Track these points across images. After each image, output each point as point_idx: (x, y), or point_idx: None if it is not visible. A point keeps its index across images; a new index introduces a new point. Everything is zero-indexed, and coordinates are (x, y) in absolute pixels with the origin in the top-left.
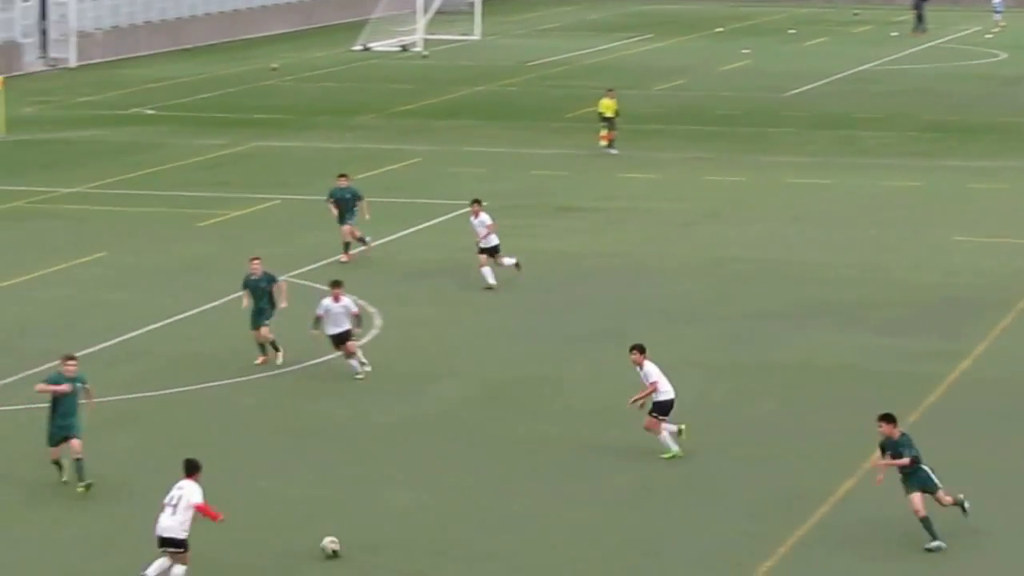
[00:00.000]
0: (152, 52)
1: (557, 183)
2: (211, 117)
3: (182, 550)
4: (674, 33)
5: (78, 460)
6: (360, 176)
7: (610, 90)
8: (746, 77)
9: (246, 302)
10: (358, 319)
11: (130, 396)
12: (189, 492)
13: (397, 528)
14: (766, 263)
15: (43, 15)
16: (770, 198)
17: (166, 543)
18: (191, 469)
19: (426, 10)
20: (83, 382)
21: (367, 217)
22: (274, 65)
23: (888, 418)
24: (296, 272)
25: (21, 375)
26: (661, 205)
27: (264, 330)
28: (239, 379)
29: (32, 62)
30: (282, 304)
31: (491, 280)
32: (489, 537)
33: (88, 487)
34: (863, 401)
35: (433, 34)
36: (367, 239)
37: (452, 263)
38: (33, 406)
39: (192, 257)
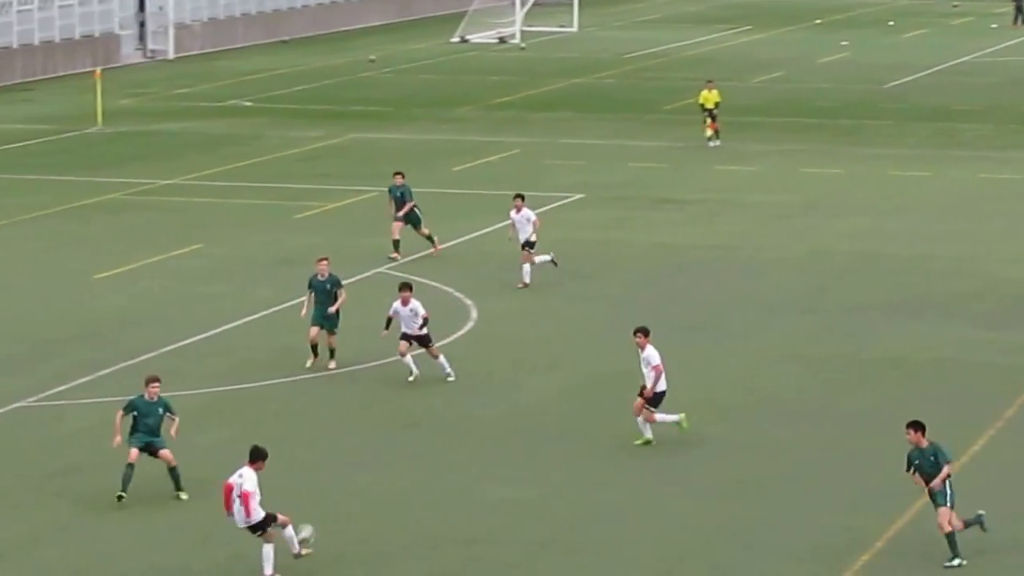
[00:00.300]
0: (249, 44)
1: (654, 175)
2: (309, 109)
3: (263, 531)
4: (773, 25)
5: (173, 469)
6: (458, 168)
7: (709, 81)
8: (845, 69)
9: (307, 307)
10: (426, 322)
11: (226, 388)
12: (244, 480)
13: (494, 521)
14: (864, 255)
15: (141, 7)
16: (868, 190)
17: (253, 530)
18: (255, 456)
19: (524, 2)
20: (168, 408)
21: (399, 214)
22: (372, 57)
23: (916, 425)
24: (392, 264)
25: (118, 366)
26: (759, 197)
27: (331, 338)
28: (336, 371)
29: (130, 54)
30: (331, 309)
31: (527, 279)
32: (585, 530)
33: (179, 495)
34: (960, 395)
35: (531, 26)
36: (435, 238)
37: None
38: (130, 398)
39: (289, 249)
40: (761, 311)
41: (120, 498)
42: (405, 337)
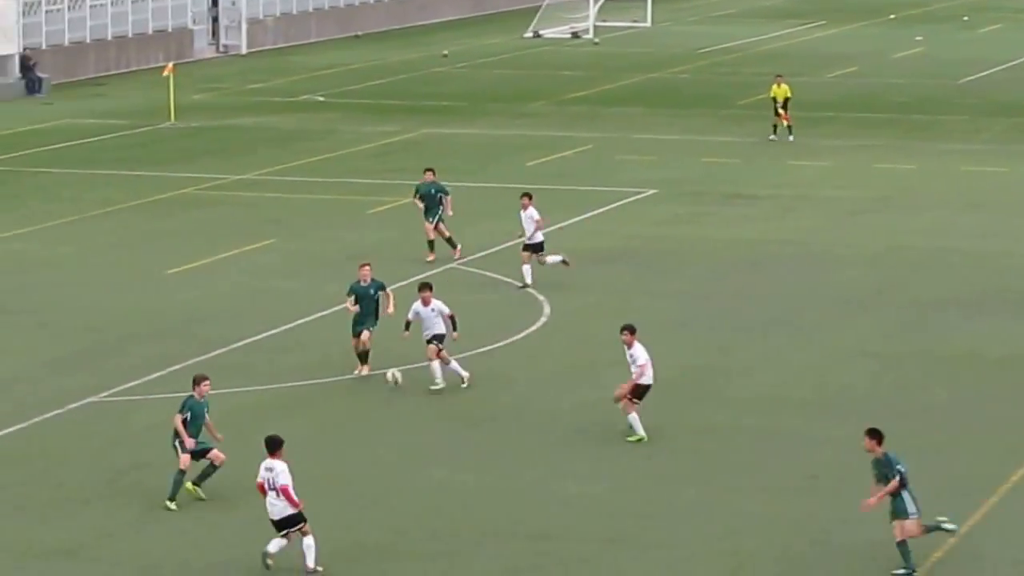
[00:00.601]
0: (322, 39)
1: (728, 171)
2: (381, 104)
3: (301, 523)
4: (847, 20)
5: (216, 468)
6: (531, 163)
7: (778, 76)
8: (919, 64)
9: (351, 308)
10: (453, 321)
11: (297, 384)
12: (278, 474)
13: (566, 516)
14: (938, 251)
15: (214, 2)
16: (943, 186)
17: (284, 524)
18: (274, 447)
19: None
20: (207, 409)
21: (449, 213)
22: (445, 52)
23: (871, 433)
24: (466, 259)
25: (190, 362)
26: (832, 193)
27: (365, 336)
28: (406, 366)
29: (203, 49)
30: (389, 310)
31: (528, 279)
32: (657, 526)
33: (198, 492)
34: None
35: (604, 21)
36: (457, 245)
37: (622, 250)
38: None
39: (361, 244)
40: (835, 307)
41: (198, 491)
42: (433, 339)
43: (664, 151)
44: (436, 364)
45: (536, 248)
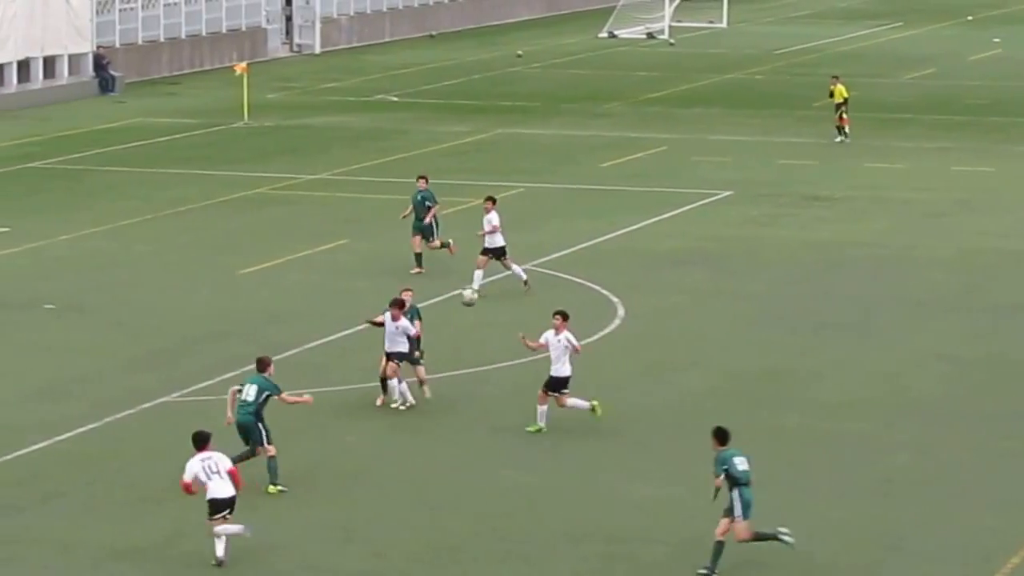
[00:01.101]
0: (396, 39)
1: (803, 172)
2: (455, 104)
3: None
4: (924, 21)
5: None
6: (605, 164)
7: (835, 77)
8: (997, 66)
9: (377, 321)
10: (417, 342)
11: (371, 385)
12: (220, 459)
13: (638, 518)
14: (1016, 255)
15: (288, 1)
16: (1020, 189)
17: (230, 504)
18: (203, 441)
19: None
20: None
21: (426, 221)
22: (519, 52)
23: (715, 433)
24: (539, 260)
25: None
26: (909, 195)
27: (419, 370)
28: (476, 369)
29: (276, 48)
30: (412, 331)
31: (476, 284)
32: None
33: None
34: None
35: (679, 21)
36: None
37: (696, 252)
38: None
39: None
40: (910, 310)
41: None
42: (390, 356)
43: (739, 152)
44: (394, 382)
45: (498, 253)
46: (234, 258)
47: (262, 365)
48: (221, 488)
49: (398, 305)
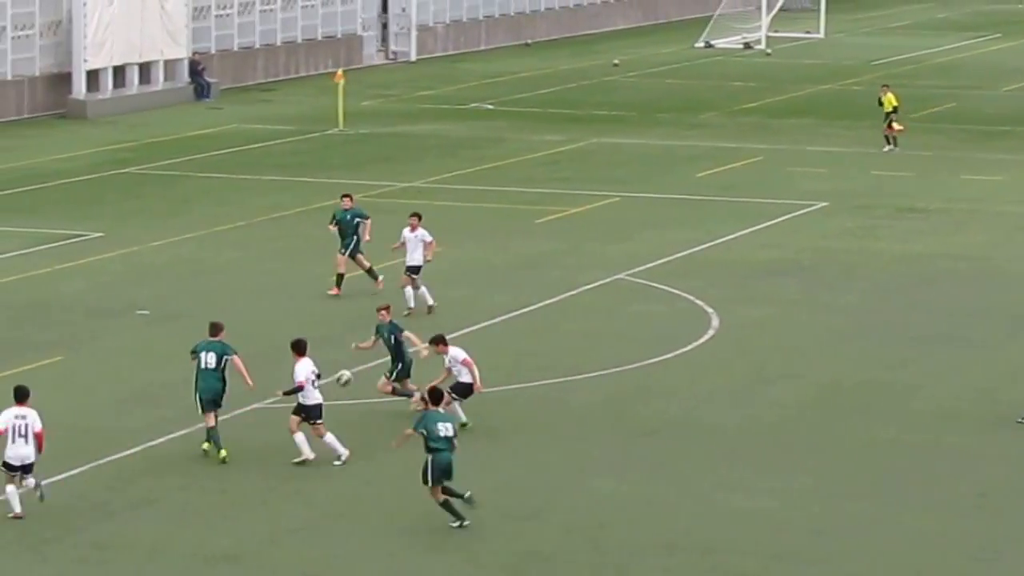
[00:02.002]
0: (492, 47)
1: (899, 184)
2: (551, 113)
3: (31, 473)
4: (1022, 34)
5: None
6: (701, 174)
7: (885, 86)
8: None
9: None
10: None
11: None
12: (34, 420)
13: (732, 530)
14: None
15: (384, 8)
16: None
17: (24, 468)
18: (21, 396)
19: (770, 7)
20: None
21: (367, 238)
22: (616, 61)
23: (430, 392)
24: (633, 270)
25: (355, 369)
26: (1007, 207)
27: (381, 381)
28: (570, 378)
29: (372, 55)
30: (415, 348)
31: (411, 303)
32: (822, 542)
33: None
34: None
35: (776, 31)
36: (378, 277)
37: (791, 263)
38: (363, 401)
39: (529, 254)
40: (1008, 323)
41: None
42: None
43: (835, 164)
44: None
45: (414, 271)
46: (327, 265)
47: (215, 330)
48: (18, 451)
49: (439, 342)
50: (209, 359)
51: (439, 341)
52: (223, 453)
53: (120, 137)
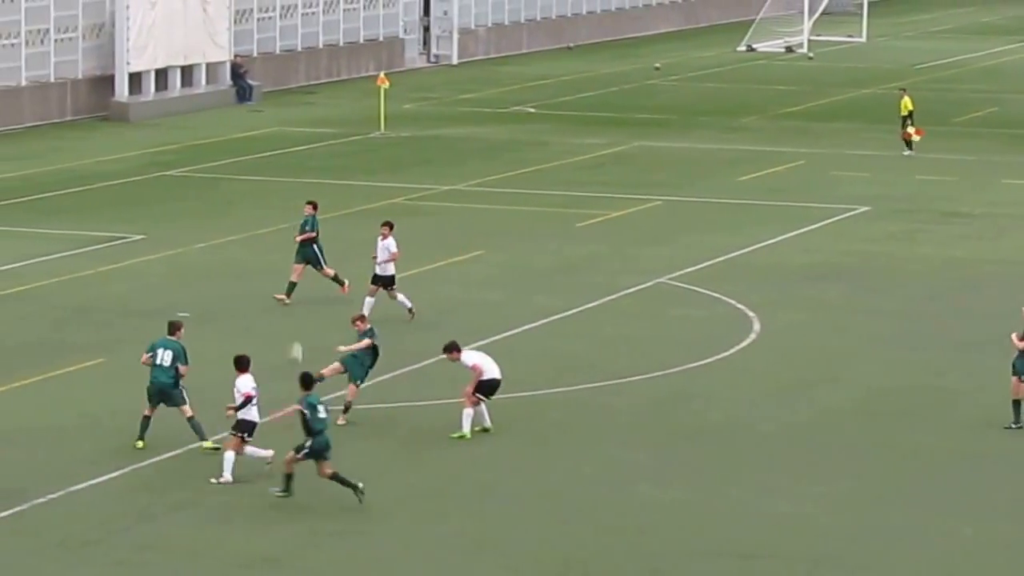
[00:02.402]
0: (533, 50)
1: (943, 188)
2: (592, 116)
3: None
4: None
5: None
6: (742, 178)
7: (903, 89)
8: None
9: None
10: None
11: (505, 396)
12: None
13: (773, 535)
14: None
15: (426, 11)
16: None
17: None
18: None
19: (812, 11)
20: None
21: (296, 239)
22: (657, 65)
23: (301, 378)
24: (675, 274)
25: (398, 372)
26: None
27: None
28: (610, 382)
29: (414, 58)
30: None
31: (367, 311)
32: (864, 548)
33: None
34: None
35: (818, 35)
36: (344, 282)
37: (833, 267)
38: (406, 404)
39: (570, 257)
40: None
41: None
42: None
43: (877, 168)
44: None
45: (387, 282)
46: (369, 269)
47: (173, 328)
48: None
49: (240, 366)
50: (165, 356)
51: (452, 349)
52: (207, 444)
53: (162, 139)
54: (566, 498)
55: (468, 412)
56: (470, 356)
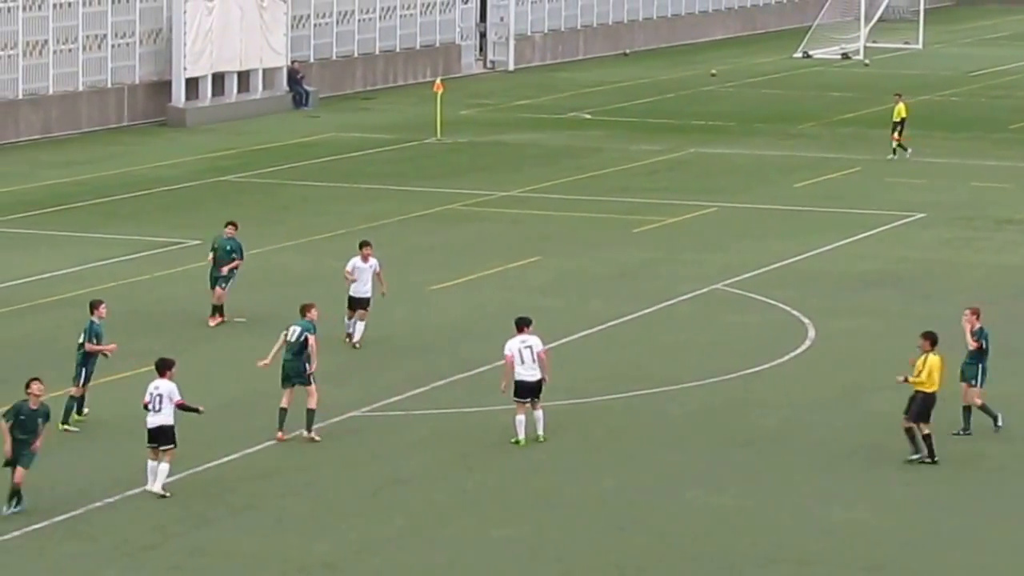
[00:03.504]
0: (590, 56)
1: (998, 195)
2: (649, 122)
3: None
4: None
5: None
6: (798, 184)
7: (897, 95)
8: None
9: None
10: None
11: (561, 403)
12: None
13: (828, 542)
14: None
15: (482, 17)
16: None
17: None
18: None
19: (869, 18)
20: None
21: (224, 271)
22: (713, 71)
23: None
24: (731, 280)
25: (452, 378)
26: None
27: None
28: (665, 388)
29: (470, 64)
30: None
31: (357, 336)
32: (921, 555)
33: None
34: None
35: (875, 42)
36: (236, 319)
37: (889, 274)
38: (464, 409)
39: (626, 263)
40: None
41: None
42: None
43: (933, 174)
44: None
45: (364, 304)
46: (426, 274)
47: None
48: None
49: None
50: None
51: (523, 324)
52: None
53: (219, 145)
54: (621, 504)
55: (520, 419)
56: (513, 345)
